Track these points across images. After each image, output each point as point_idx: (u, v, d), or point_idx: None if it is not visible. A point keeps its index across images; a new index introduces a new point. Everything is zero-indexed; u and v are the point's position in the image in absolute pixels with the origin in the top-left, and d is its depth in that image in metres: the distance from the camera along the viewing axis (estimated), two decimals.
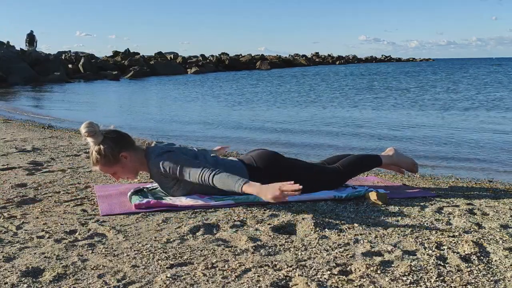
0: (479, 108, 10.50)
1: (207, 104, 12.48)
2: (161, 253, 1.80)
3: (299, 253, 1.80)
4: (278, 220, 2.21)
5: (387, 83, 20.83)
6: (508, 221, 2.22)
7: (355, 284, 1.53)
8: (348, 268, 1.65)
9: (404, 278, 1.57)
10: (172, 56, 40.12)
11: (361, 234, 2.01)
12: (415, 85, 19.31)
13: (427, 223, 2.17)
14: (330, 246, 1.87)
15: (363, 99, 13.05)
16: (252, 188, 2.25)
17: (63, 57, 32.05)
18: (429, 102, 11.73)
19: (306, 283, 1.52)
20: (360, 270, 1.63)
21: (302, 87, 19.05)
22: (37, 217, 2.28)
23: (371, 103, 11.90)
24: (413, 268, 1.64)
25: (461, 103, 11.41)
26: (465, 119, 8.53)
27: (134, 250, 1.82)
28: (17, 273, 1.60)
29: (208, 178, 2.36)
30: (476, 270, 1.64)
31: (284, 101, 12.82)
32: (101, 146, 2.48)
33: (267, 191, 2.20)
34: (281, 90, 17.33)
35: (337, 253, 1.79)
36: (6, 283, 1.53)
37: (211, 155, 2.68)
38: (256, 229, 2.08)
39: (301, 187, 2.15)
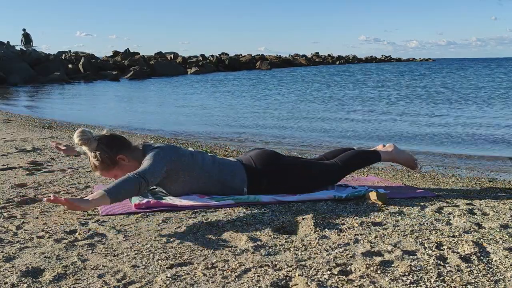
0: (482, 105, 10.53)
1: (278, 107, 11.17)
2: (161, 253, 1.79)
3: (299, 253, 1.80)
4: (278, 220, 2.21)
5: (398, 80, 20.87)
6: (508, 221, 2.22)
7: (355, 284, 1.53)
8: (348, 268, 1.65)
9: (404, 278, 1.57)
10: (172, 56, 40.10)
11: (361, 234, 2.01)
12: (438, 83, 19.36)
13: (427, 223, 2.17)
14: (330, 246, 1.87)
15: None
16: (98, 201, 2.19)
17: (63, 57, 32.04)
18: (429, 100, 11.75)
19: (306, 283, 1.52)
20: (360, 270, 1.63)
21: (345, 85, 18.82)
22: (37, 217, 2.28)
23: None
24: (413, 268, 1.64)
25: (461, 100, 11.43)
26: (464, 117, 8.54)
27: (134, 250, 1.82)
28: (17, 273, 1.60)
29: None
30: (476, 270, 1.64)
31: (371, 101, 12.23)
32: (97, 152, 2.48)
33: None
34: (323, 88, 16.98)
35: (337, 253, 1.79)
36: (6, 283, 1.53)
37: (209, 155, 2.68)
38: (256, 229, 2.08)
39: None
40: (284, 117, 9.30)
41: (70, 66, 29.06)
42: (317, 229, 2.07)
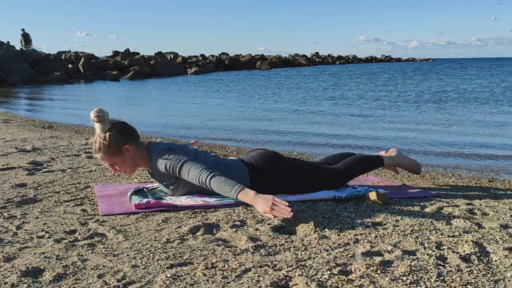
0: (482, 104, 10.53)
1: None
2: (161, 253, 1.79)
3: (299, 253, 1.80)
4: (278, 220, 2.20)
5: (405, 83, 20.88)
6: (508, 221, 2.22)
7: (355, 284, 1.53)
8: (348, 268, 1.65)
9: (404, 278, 1.57)
10: (172, 56, 40.11)
11: (361, 234, 2.01)
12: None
13: (427, 223, 2.17)
14: (330, 246, 1.87)
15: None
16: (247, 196, 2.24)
17: (63, 57, 32.05)
18: (430, 100, 11.75)
19: (306, 283, 1.52)
20: (360, 270, 1.63)
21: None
22: (37, 217, 2.28)
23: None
24: (413, 268, 1.64)
25: (462, 100, 11.43)
26: (464, 117, 8.54)
27: (134, 250, 1.82)
28: (17, 273, 1.60)
29: (206, 179, 2.33)
30: (476, 270, 1.64)
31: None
32: (107, 134, 2.48)
33: (259, 203, 2.19)
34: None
35: (337, 253, 1.79)
36: (6, 283, 1.53)
37: (212, 154, 2.68)
38: (256, 229, 2.08)
39: (290, 212, 2.09)
40: (286, 117, 9.30)
41: (70, 66, 29.07)
42: (317, 229, 2.07)
